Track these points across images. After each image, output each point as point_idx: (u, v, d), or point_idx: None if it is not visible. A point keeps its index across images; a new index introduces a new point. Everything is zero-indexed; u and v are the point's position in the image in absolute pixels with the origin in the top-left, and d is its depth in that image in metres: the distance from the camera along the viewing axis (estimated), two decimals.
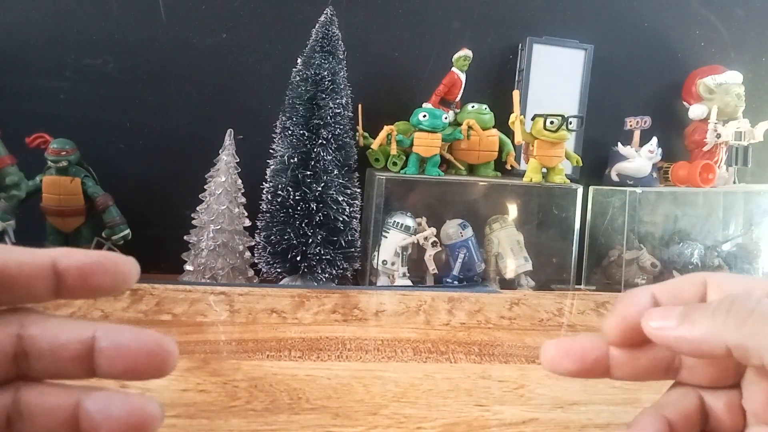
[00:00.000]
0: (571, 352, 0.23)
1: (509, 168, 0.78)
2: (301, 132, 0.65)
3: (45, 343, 0.20)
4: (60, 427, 0.19)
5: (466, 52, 0.75)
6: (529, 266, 0.74)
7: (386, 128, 0.70)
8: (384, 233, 0.71)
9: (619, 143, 0.79)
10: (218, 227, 0.66)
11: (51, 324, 0.20)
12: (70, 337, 0.20)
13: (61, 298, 0.20)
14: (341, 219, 0.66)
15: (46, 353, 0.20)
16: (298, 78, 0.66)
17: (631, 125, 0.79)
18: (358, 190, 0.69)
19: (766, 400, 0.21)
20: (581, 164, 0.76)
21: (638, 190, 0.75)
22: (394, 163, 0.73)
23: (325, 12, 0.67)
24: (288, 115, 0.66)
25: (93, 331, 0.20)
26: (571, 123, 0.70)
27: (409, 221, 0.71)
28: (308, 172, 0.64)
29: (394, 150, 0.71)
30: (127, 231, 0.66)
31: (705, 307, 0.20)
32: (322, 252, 0.65)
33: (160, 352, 0.20)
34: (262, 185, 0.67)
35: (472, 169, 0.78)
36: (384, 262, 0.70)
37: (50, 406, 0.20)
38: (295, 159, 0.65)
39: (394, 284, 0.70)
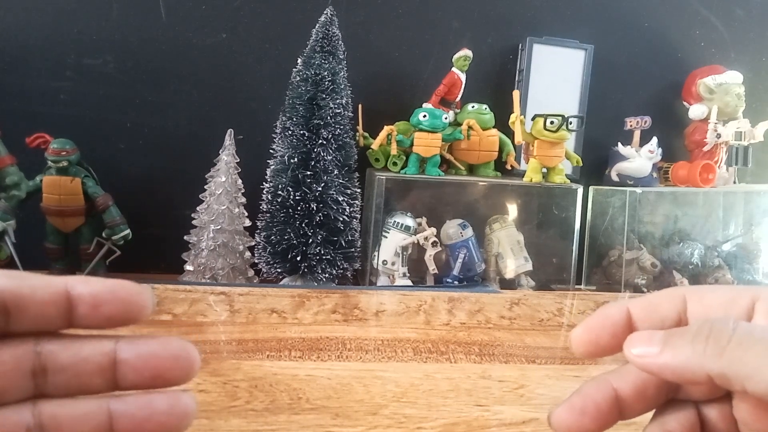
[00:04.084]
0: (586, 410, 0.22)
1: (509, 168, 0.78)
2: (301, 132, 0.65)
3: (66, 357, 0.20)
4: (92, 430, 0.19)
5: (466, 52, 0.75)
6: (529, 266, 0.74)
7: (386, 128, 0.70)
8: (384, 233, 0.71)
9: (619, 143, 0.79)
10: (218, 227, 0.66)
11: (69, 339, 0.20)
12: (92, 350, 0.20)
13: (73, 326, 0.20)
14: (341, 219, 0.66)
15: (68, 367, 0.20)
16: (298, 78, 0.66)
17: (631, 125, 0.79)
18: (358, 190, 0.69)
19: (753, 409, 0.21)
20: (581, 164, 0.76)
21: (638, 190, 0.75)
22: (394, 163, 0.73)
23: (325, 12, 0.67)
24: (288, 115, 0.66)
25: (113, 343, 0.20)
26: (571, 123, 0.70)
27: (409, 221, 0.71)
28: (308, 172, 0.64)
29: (394, 150, 0.71)
30: (127, 231, 0.66)
31: (685, 332, 0.20)
32: (322, 252, 0.65)
33: (185, 356, 0.20)
34: (262, 185, 0.67)
35: (472, 169, 0.78)
36: (384, 262, 0.70)
37: (80, 414, 0.20)
38: (296, 159, 0.65)
39: (394, 284, 0.70)
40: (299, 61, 0.67)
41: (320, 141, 0.64)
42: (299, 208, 0.64)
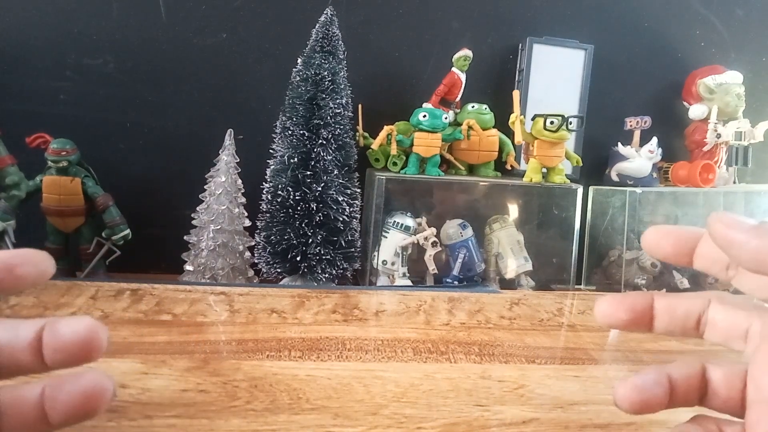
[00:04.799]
0: (623, 304, 0.26)
1: (509, 168, 0.78)
2: (301, 132, 0.65)
3: (3, 338, 0.23)
4: (31, 412, 0.22)
5: (466, 52, 0.75)
6: (529, 266, 0.74)
7: (386, 128, 0.70)
8: (384, 233, 0.71)
9: (619, 143, 0.79)
10: (218, 227, 0.66)
11: (4, 323, 0.23)
12: (26, 330, 0.23)
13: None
14: (341, 219, 0.66)
15: (5, 347, 0.22)
16: (298, 78, 0.66)
17: (631, 125, 0.79)
18: (358, 190, 0.69)
19: None
20: (581, 164, 0.76)
21: (638, 190, 0.75)
22: (394, 163, 0.73)
23: (325, 12, 0.67)
24: (288, 115, 0.66)
25: (42, 324, 0.23)
26: (571, 123, 0.70)
27: (409, 221, 0.71)
28: (308, 172, 0.64)
29: (394, 150, 0.71)
30: (127, 231, 0.66)
31: None
32: (322, 252, 0.65)
33: (91, 335, 0.23)
34: (262, 185, 0.67)
35: (472, 169, 0.78)
36: (384, 262, 0.70)
37: (20, 394, 0.22)
38: (295, 159, 0.65)
39: (394, 284, 0.70)
40: (299, 61, 0.67)
41: (320, 141, 0.64)
42: (299, 208, 0.64)
